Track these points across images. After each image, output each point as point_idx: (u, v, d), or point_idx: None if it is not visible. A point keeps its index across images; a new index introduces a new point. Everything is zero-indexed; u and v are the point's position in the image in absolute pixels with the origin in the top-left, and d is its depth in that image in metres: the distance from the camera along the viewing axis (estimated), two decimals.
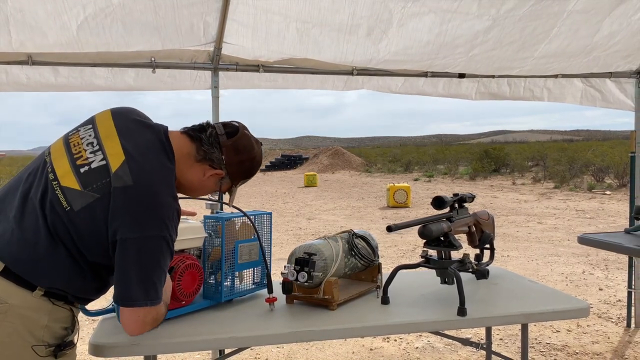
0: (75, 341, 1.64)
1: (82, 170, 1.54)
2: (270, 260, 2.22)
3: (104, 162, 1.54)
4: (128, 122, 1.67)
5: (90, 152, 1.57)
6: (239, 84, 3.58)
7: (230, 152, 1.72)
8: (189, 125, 1.79)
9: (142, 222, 1.49)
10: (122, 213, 1.49)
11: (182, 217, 2.03)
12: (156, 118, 1.79)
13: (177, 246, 1.93)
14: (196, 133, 1.72)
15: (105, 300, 1.68)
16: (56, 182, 1.54)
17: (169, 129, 1.74)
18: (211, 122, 1.77)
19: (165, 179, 1.59)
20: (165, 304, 1.68)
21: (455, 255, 2.25)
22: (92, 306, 1.83)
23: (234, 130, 1.75)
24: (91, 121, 1.68)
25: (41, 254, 1.49)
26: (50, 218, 1.51)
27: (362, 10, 3.10)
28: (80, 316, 1.72)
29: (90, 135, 1.62)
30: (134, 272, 1.49)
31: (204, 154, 1.70)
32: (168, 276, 1.77)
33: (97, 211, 1.50)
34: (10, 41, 2.92)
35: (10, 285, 1.46)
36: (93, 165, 1.55)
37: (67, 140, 1.64)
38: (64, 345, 1.55)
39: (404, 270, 2.27)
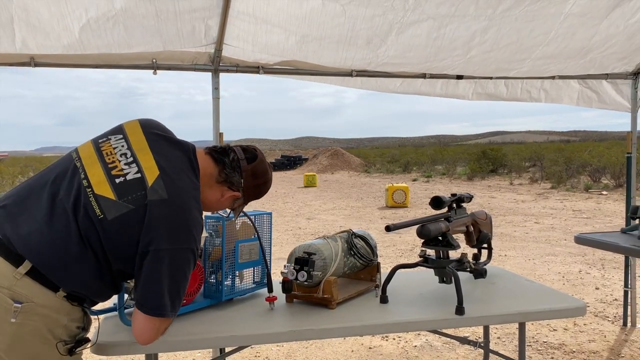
0: (90, 338, 1.67)
1: (117, 180, 1.58)
2: (270, 259, 2.23)
3: (139, 175, 1.59)
4: (158, 137, 1.72)
5: (125, 164, 1.62)
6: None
7: (249, 177, 1.81)
8: (189, 126, 1.83)
9: (175, 234, 1.55)
10: (157, 225, 1.54)
11: None
12: (157, 119, 1.82)
13: None
14: (220, 156, 1.79)
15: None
16: (90, 190, 1.56)
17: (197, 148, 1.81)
18: (231, 146, 1.85)
19: (194, 195, 1.65)
20: None
21: (453, 254, 2.26)
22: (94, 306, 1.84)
23: (253, 156, 1.83)
24: (120, 131, 1.72)
25: (71, 258, 1.52)
26: (82, 224, 1.53)
27: (361, 23, 3.11)
28: None
29: (122, 146, 1.66)
30: (166, 283, 1.55)
31: (225, 177, 1.77)
32: None
33: (131, 222, 1.54)
34: (14, 40, 2.93)
35: (36, 285, 1.48)
36: (128, 177, 1.59)
37: (98, 147, 1.67)
38: (81, 342, 1.59)
39: (403, 270, 2.27)
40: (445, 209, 2.30)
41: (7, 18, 2.80)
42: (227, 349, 2.55)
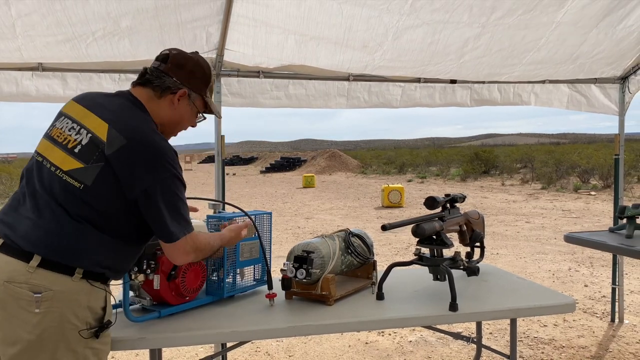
0: (113, 320, 1.68)
1: (76, 150, 1.58)
2: (270, 257, 2.23)
3: (91, 135, 1.59)
4: (93, 98, 1.71)
5: (76, 134, 1.61)
6: (244, 102, 3.57)
7: (176, 71, 1.75)
8: (191, 129, 1.93)
9: (152, 170, 1.56)
10: (130, 170, 1.55)
11: None
12: None
13: None
14: (142, 80, 1.75)
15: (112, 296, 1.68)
16: (59, 171, 1.57)
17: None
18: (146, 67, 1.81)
19: (150, 127, 1.65)
20: (217, 242, 1.82)
21: (447, 253, 2.26)
22: None
23: (165, 56, 1.78)
24: (61, 114, 1.71)
25: (71, 238, 1.53)
26: (68, 204, 1.55)
27: (358, 24, 3.11)
28: None
29: (67, 123, 1.65)
30: (165, 212, 1.58)
31: (161, 88, 1.73)
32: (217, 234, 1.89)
33: (108, 177, 1.55)
34: (22, 58, 3.00)
35: (51, 273, 1.50)
36: (84, 142, 1.59)
37: (49, 136, 1.67)
38: (106, 325, 1.60)
39: (398, 268, 2.27)
40: (439, 209, 2.30)
41: (14, 47, 2.88)
42: (229, 344, 2.55)
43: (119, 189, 1.55)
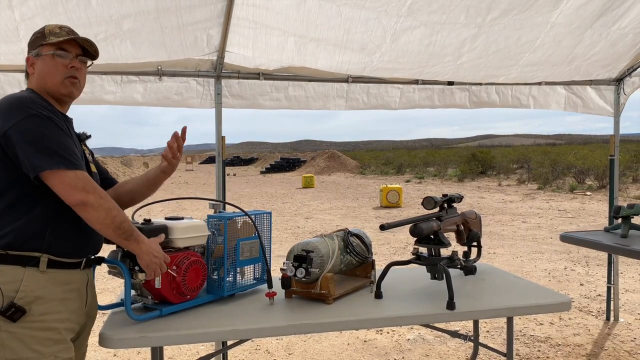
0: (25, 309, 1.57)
1: None
2: (270, 257, 2.23)
3: None
4: None
5: None
6: (244, 104, 3.57)
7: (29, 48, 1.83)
8: (193, 130, 1.84)
9: (7, 116, 1.60)
10: None
11: (186, 217, 2.04)
12: (160, 123, 1.87)
13: (182, 244, 1.94)
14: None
15: (115, 295, 1.68)
16: None
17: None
18: None
19: (15, 94, 1.69)
20: (128, 225, 1.68)
21: (445, 252, 2.26)
22: (102, 301, 1.83)
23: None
24: None
25: None
26: None
27: (356, 26, 3.11)
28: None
29: None
30: (29, 148, 1.58)
31: (26, 72, 1.84)
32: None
33: None
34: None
35: None
36: None
37: None
38: (11, 307, 1.53)
39: (396, 267, 2.28)
40: (436, 209, 2.30)
41: (18, 50, 2.88)
42: (229, 342, 2.55)
43: None
